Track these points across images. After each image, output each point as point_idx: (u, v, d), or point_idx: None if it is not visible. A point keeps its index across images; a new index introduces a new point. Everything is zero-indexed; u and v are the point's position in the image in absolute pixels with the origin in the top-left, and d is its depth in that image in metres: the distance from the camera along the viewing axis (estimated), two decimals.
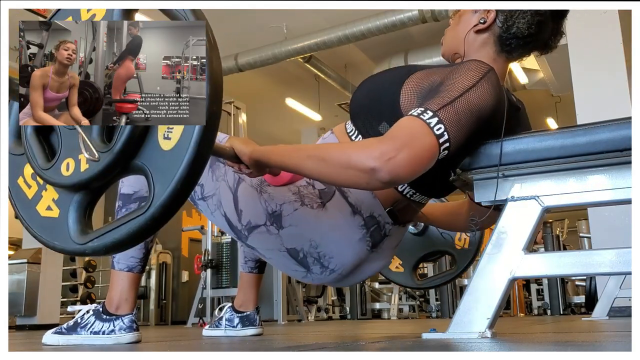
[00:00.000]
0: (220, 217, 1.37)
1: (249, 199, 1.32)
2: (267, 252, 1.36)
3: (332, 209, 1.30)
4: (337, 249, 1.31)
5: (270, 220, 1.30)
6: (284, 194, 1.30)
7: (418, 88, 1.20)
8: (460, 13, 1.34)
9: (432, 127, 1.05)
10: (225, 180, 1.35)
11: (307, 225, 1.29)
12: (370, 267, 1.39)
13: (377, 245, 1.34)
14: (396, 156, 1.01)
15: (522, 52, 1.31)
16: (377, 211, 1.31)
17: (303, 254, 1.31)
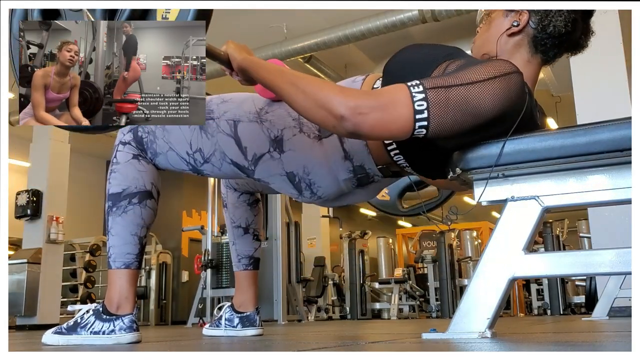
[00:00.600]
0: (228, 166, 1.45)
1: (251, 133, 1.40)
2: (271, 178, 1.45)
3: (327, 146, 1.37)
4: (325, 181, 1.41)
5: (273, 145, 1.39)
6: (284, 119, 1.39)
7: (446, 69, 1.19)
8: (491, 18, 1.33)
9: (415, 100, 1.06)
10: (220, 131, 1.42)
11: (302, 151, 1.38)
12: (355, 198, 1.53)
13: (363, 186, 1.45)
14: (368, 114, 1.06)
15: (556, 52, 1.30)
16: (367, 164, 1.39)
17: (298, 179, 1.42)
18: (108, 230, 1.48)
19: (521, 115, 1.15)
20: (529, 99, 1.19)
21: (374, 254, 9.72)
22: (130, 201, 1.46)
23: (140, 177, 1.48)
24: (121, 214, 1.46)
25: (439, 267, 7.97)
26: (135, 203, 1.47)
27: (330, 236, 9.71)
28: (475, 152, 1.18)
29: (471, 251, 9.29)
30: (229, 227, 1.89)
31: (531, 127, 1.22)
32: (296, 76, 1.16)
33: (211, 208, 6.06)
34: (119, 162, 1.49)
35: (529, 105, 1.18)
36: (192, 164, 1.48)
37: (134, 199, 1.47)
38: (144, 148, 1.48)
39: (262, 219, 1.91)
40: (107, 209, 1.49)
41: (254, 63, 1.20)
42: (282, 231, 5.71)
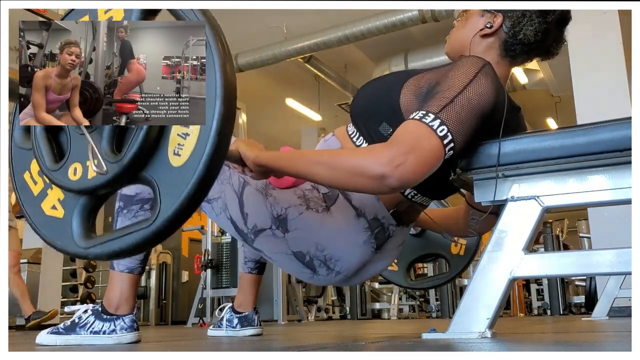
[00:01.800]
0: (225, 220, 1.37)
1: (255, 203, 1.32)
2: (274, 255, 1.36)
3: (337, 212, 1.30)
4: (343, 251, 1.31)
5: (275, 224, 1.30)
6: (289, 197, 1.30)
7: (417, 88, 1.21)
8: (467, 16, 1.34)
9: (435, 129, 1.06)
10: (230, 183, 1.35)
11: (312, 229, 1.30)
12: (374, 267, 1.40)
13: (381, 246, 1.35)
14: (405, 162, 1.03)
15: (525, 57, 1.32)
16: (380, 213, 1.32)
17: (309, 257, 1.32)
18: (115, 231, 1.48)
19: (506, 106, 1.18)
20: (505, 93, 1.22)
21: None
22: (142, 207, 1.45)
23: None
24: (131, 217, 1.45)
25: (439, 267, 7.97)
26: (147, 209, 1.45)
27: None
28: (474, 152, 1.18)
29: None
30: None
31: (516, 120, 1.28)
32: (318, 154, 1.13)
33: None
34: None
35: (507, 98, 1.22)
36: None
37: (145, 205, 1.45)
38: None
39: None
40: (117, 208, 1.47)
41: (271, 157, 1.15)
42: None
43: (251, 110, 8.29)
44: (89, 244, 0.96)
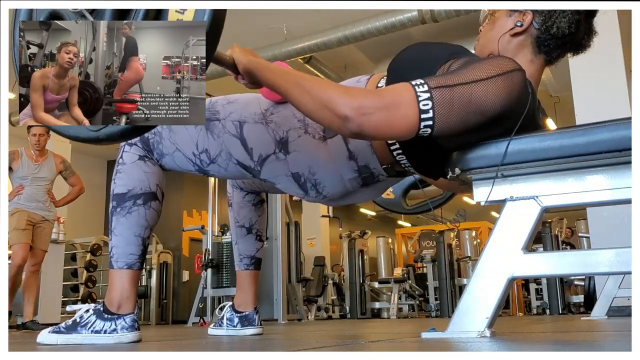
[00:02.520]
0: (234, 167, 1.46)
1: (257, 134, 1.41)
2: (277, 178, 1.46)
3: (332, 146, 1.38)
4: (330, 180, 1.42)
5: (278, 147, 1.40)
6: (289, 121, 1.40)
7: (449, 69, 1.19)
8: (494, 19, 1.33)
9: (420, 100, 1.06)
10: (226, 132, 1.43)
11: (307, 152, 1.39)
12: (360, 196, 1.53)
13: (368, 185, 1.46)
14: (372, 114, 1.05)
15: (560, 52, 1.30)
16: (372, 164, 1.39)
17: (303, 179, 1.42)
18: (111, 230, 1.48)
19: (523, 115, 1.15)
20: (532, 98, 1.19)
21: (373, 254, 9.72)
22: (135, 202, 1.47)
23: (145, 179, 1.48)
24: (125, 214, 1.46)
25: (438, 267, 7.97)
26: (140, 204, 1.47)
27: (330, 236, 9.71)
28: (474, 152, 1.18)
29: (470, 251, 9.29)
30: (232, 227, 1.89)
31: (532, 127, 1.22)
32: (301, 77, 1.16)
33: (212, 208, 6.06)
34: (124, 162, 1.49)
35: (532, 105, 1.18)
36: (198, 165, 1.48)
37: (138, 200, 1.47)
38: (151, 149, 1.48)
39: (265, 220, 1.91)
40: (111, 209, 1.49)
41: (260, 65, 1.20)
42: (282, 231, 5.71)
43: None
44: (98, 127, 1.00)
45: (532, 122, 1.22)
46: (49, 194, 4.61)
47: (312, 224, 9.10)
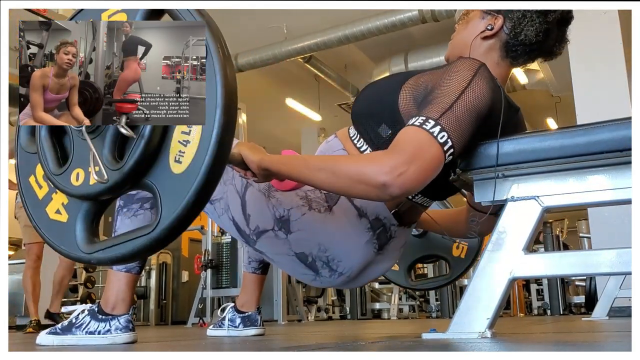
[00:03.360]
0: (227, 221, 1.37)
1: (257, 204, 1.32)
2: (276, 257, 1.37)
3: (339, 212, 1.31)
4: (345, 252, 1.32)
5: (278, 225, 1.31)
6: (291, 198, 1.31)
7: (414, 91, 1.22)
8: (468, 19, 1.35)
9: (436, 136, 1.06)
10: (233, 184, 1.35)
11: (315, 230, 1.30)
12: (377, 269, 1.40)
13: (383, 247, 1.35)
14: (407, 170, 1.03)
15: (527, 58, 1.32)
16: (382, 213, 1.33)
17: (312, 258, 1.32)
18: (115, 230, 1.47)
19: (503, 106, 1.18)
20: (502, 91, 1.22)
21: None
22: (142, 205, 1.45)
23: None
24: (131, 216, 1.45)
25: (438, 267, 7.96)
26: (147, 208, 1.45)
27: None
28: (475, 152, 1.18)
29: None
30: None
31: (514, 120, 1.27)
32: (320, 160, 1.14)
33: None
34: None
35: (505, 98, 1.22)
36: None
37: (146, 204, 1.45)
38: None
39: None
40: (117, 207, 1.47)
41: (274, 161, 1.15)
42: None
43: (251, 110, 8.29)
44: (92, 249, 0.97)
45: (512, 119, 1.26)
46: None
47: None
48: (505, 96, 1.23)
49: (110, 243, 0.95)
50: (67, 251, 1.00)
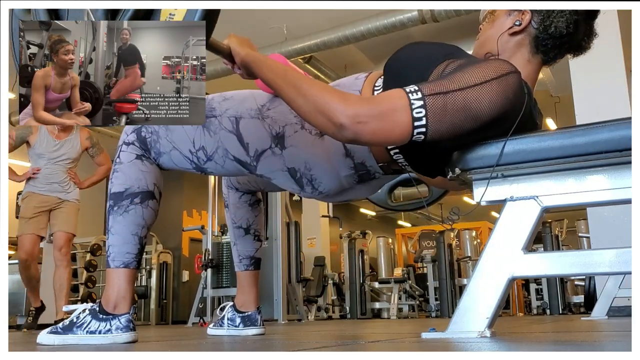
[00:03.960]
0: (230, 163, 1.46)
1: (253, 129, 1.42)
2: (272, 174, 1.46)
3: (328, 142, 1.38)
4: (326, 176, 1.42)
5: (274, 142, 1.41)
6: (286, 115, 1.40)
7: (444, 70, 1.20)
8: (494, 17, 1.34)
9: (413, 108, 1.07)
10: (222, 128, 1.43)
11: (304, 147, 1.39)
12: (355, 193, 1.54)
13: (364, 182, 1.47)
14: (367, 122, 1.07)
15: (557, 52, 1.30)
16: (368, 162, 1.40)
17: (299, 174, 1.43)
18: (108, 229, 1.48)
19: (520, 116, 1.15)
20: (528, 98, 1.19)
21: (373, 254, 9.72)
22: (132, 201, 1.47)
23: (143, 177, 1.48)
24: (122, 213, 1.46)
25: (438, 267, 7.97)
26: (137, 203, 1.47)
27: (330, 236, 9.71)
28: (474, 152, 1.18)
29: (470, 251, 9.29)
30: (230, 228, 1.89)
31: (530, 127, 1.22)
32: (298, 78, 1.16)
33: (211, 208, 6.06)
34: (122, 162, 1.49)
35: (528, 105, 1.19)
36: (195, 162, 1.48)
37: (136, 199, 1.47)
38: (148, 148, 1.48)
39: (262, 220, 1.91)
40: (108, 207, 1.49)
41: (257, 59, 1.21)
42: (282, 231, 5.71)
43: None
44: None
45: (529, 120, 1.22)
46: (70, 172, 4.11)
47: (312, 224, 9.09)
48: (530, 100, 1.20)
49: None
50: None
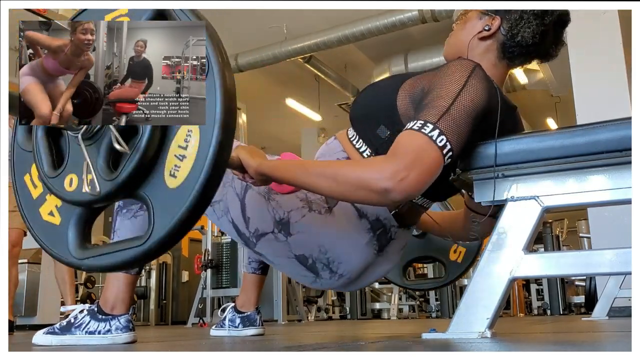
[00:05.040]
0: (227, 223, 1.37)
1: (257, 206, 1.32)
2: (276, 259, 1.36)
3: (339, 213, 1.31)
4: (346, 253, 1.32)
5: (278, 227, 1.31)
6: (291, 200, 1.31)
7: (411, 92, 1.23)
8: (465, 19, 1.35)
9: (435, 139, 1.07)
10: (232, 186, 1.35)
11: (315, 231, 1.30)
12: (377, 271, 1.40)
13: (383, 248, 1.35)
14: (408, 176, 1.04)
15: (523, 59, 1.33)
16: (382, 214, 1.33)
17: (312, 260, 1.32)
18: (114, 231, 1.46)
19: (500, 106, 1.18)
20: (499, 93, 1.22)
21: None
22: (142, 206, 1.45)
23: None
24: (130, 217, 1.44)
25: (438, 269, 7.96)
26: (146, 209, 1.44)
27: None
28: (475, 152, 1.18)
29: None
30: None
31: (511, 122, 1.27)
32: (320, 166, 1.14)
33: None
34: None
35: (502, 99, 1.22)
36: None
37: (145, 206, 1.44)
38: None
39: None
40: (116, 208, 1.46)
41: (273, 167, 1.15)
42: None
43: (251, 110, 8.29)
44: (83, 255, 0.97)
45: (508, 110, 1.26)
46: None
47: None
48: (502, 96, 1.24)
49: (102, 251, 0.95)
50: (59, 255, 1.00)
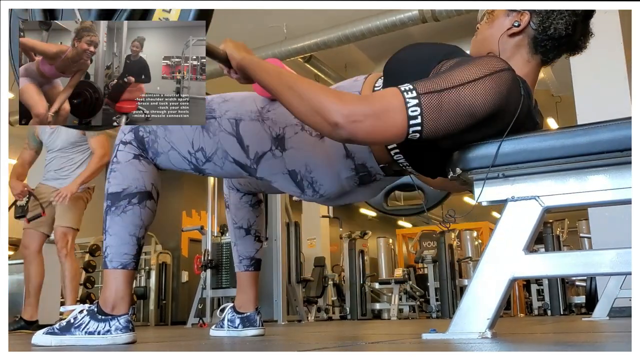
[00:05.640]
0: (230, 165, 1.46)
1: (253, 131, 1.42)
2: (273, 177, 1.46)
3: (329, 144, 1.38)
4: (326, 179, 1.42)
5: (274, 144, 1.41)
6: (286, 117, 1.39)
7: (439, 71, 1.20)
8: (492, 17, 1.34)
9: (408, 107, 1.08)
10: (222, 130, 1.43)
11: (304, 149, 1.39)
12: (356, 196, 1.53)
13: (365, 184, 1.47)
14: (362, 121, 1.07)
15: (556, 53, 1.31)
16: (369, 163, 1.40)
17: (300, 177, 1.43)
18: (105, 230, 1.47)
19: (517, 113, 1.16)
20: (527, 97, 1.19)
21: (374, 254, 9.71)
22: (130, 201, 1.45)
23: (140, 177, 1.47)
24: (120, 213, 1.45)
25: (439, 268, 7.96)
26: (135, 203, 1.46)
27: (330, 236, 9.71)
28: (475, 152, 1.18)
29: (471, 251, 9.29)
30: (230, 228, 1.89)
31: (529, 126, 1.22)
32: (294, 79, 1.16)
33: (211, 208, 6.06)
34: (119, 161, 1.48)
35: (526, 104, 1.19)
36: (194, 164, 1.47)
37: (133, 199, 1.46)
38: (145, 148, 1.47)
39: (263, 220, 1.91)
40: (105, 208, 1.48)
41: (253, 63, 1.21)
42: (282, 231, 5.71)
43: None
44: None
45: (528, 120, 1.22)
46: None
47: (312, 224, 9.10)
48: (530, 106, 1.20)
49: None
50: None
